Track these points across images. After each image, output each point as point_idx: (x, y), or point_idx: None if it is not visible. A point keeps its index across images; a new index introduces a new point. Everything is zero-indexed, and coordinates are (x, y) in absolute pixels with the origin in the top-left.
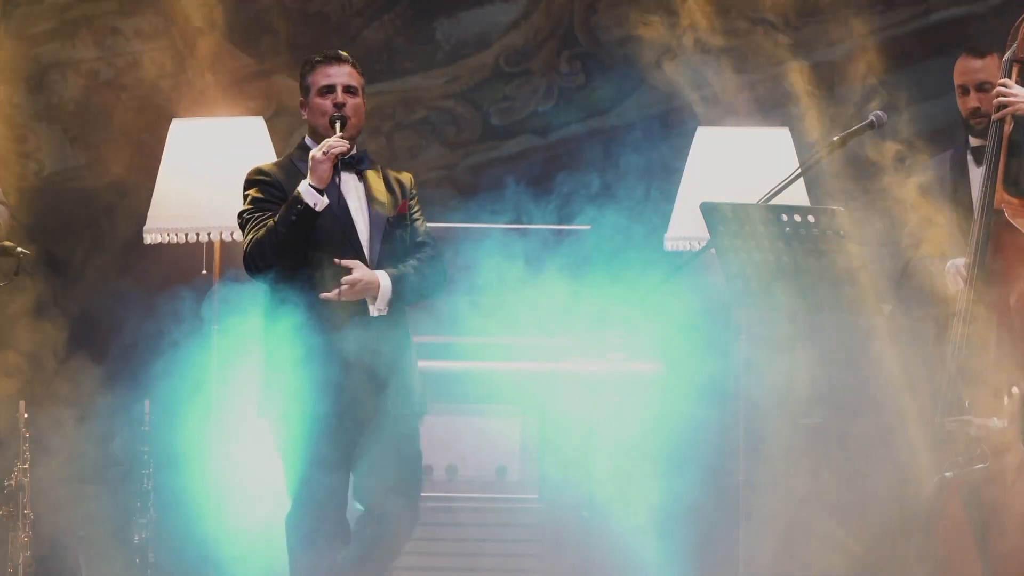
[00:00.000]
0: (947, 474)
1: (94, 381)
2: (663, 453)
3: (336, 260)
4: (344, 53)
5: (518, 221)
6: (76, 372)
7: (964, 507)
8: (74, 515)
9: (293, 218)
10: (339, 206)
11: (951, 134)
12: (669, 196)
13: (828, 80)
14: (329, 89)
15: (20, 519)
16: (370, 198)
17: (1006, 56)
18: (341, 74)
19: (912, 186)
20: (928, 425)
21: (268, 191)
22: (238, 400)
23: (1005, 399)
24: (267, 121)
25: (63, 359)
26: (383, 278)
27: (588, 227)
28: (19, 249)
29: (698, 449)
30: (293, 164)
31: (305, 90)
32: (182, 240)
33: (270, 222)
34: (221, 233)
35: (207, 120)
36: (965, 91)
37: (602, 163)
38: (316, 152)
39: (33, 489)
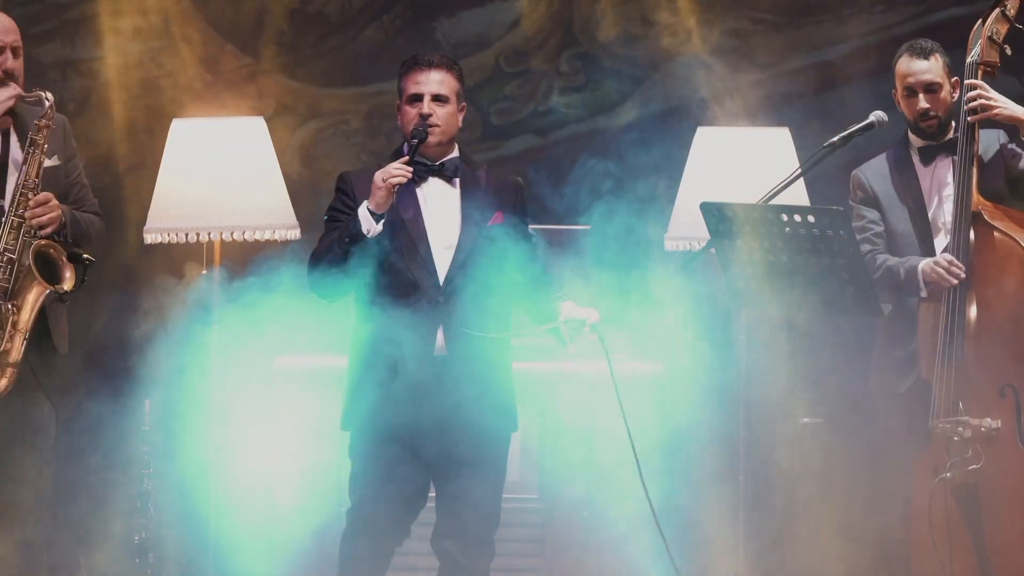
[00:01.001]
0: (946, 475)
1: (94, 381)
2: (663, 453)
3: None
4: (437, 57)
5: None
6: (76, 372)
7: (959, 507)
8: (74, 515)
9: (346, 240)
10: (413, 218)
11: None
12: (669, 196)
13: (828, 80)
14: (417, 98)
15: None
16: (464, 209)
17: (969, 59)
18: (431, 81)
19: (859, 188)
20: (910, 428)
21: (341, 200)
22: (238, 400)
23: (998, 400)
24: (267, 121)
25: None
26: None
27: (588, 227)
28: (85, 256)
29: (698, 449)
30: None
31: (398, 93)
32: (182, 240)
33: (334, 234)
34: (221, 233)
35: (207, 120)
36: (912, 93)
37: (602, 163)
38: (377, 176)
39: None
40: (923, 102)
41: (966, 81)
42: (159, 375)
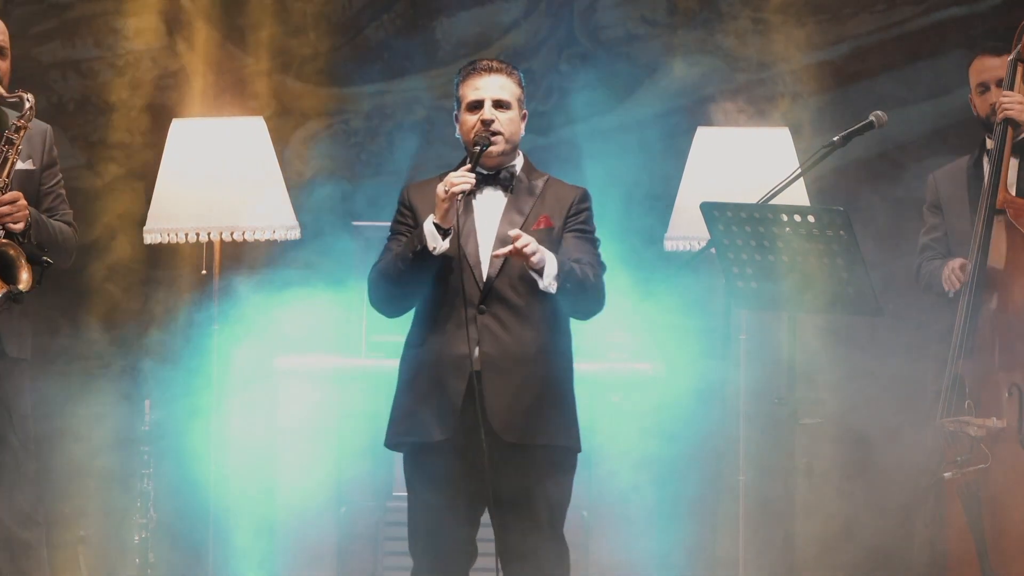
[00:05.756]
0: (946, 474)
1: (93, 381)
2: (663, 453)
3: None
4: (496, 62)
5: None
6: (76, 372)
7: (963, 507)
8: (74, 515)
9: (410, 256)
10: (461, 228)
11: (950, 134)
12: (669, 196)
13: (828, 80)
14: (477, 104)
15: None
16: (505, 214)
17: (1011, 56)
18: (492, 87)
19: (929, 192)
20: (929, 425)
21: (400, 213)
22: (238, 400)
23: (1005, 399)
24: (267, 121)
25: (63, 359)
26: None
27: None
28: (44, 258)
29: (698, 449)
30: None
31: (457, 102)
32: (182, 240)
33: (395, 249)
34: (221, 233)
35: (207, 120)
36: (985, 88)
37: (602, 163)
38: (440, 188)
39: None
40: (994, 96)
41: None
42: (159, 375)
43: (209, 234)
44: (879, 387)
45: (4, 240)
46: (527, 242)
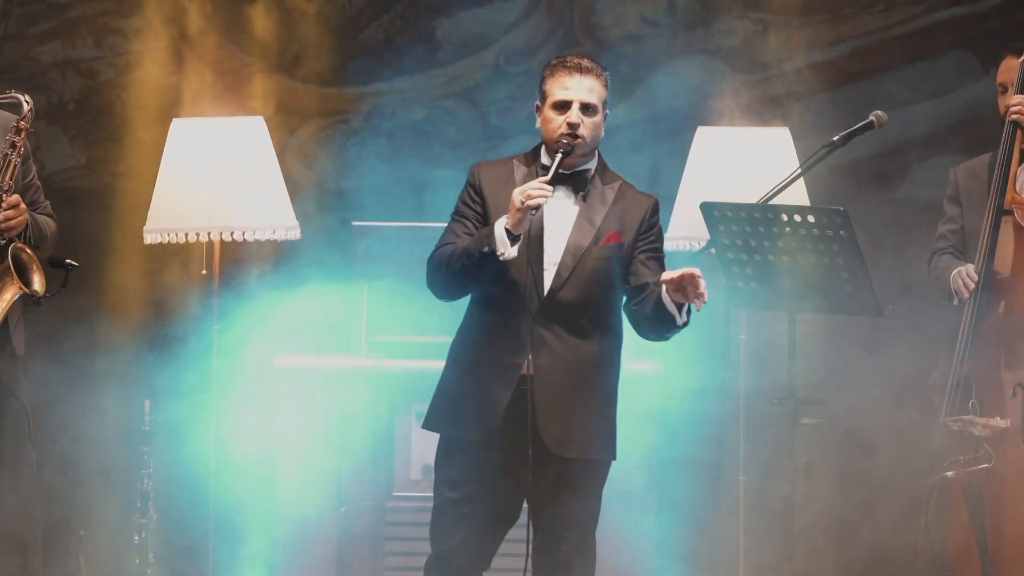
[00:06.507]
0: (948, 474)
1: (93, 381)
2: (663, 453)
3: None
4: (587, 61)
5: None
6: (75, 372)
7: (966, 506)
8: (74, 515)
9: (477, 256)
10: (529, 230)
11: (950, 134)
12: (669, 196)
13: (828, 80)
14: (564, 105)
15: None
16: (576, 224)
17: (1022, 58)
18: (581, 88)
19: (950, 185)
20: (932, 425)
21: (467, 194)
22: (239, 400)
23: (1009, 399)
24: (267, 121)
25: (63, 358)
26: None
27: None
28: (68, 260)
29: (698, 449)
30: (513, 169)
31: (542, 95)
32: (182, 240)
33: (459, 242)
34: (221, 233)
35: (207, 120)
36: (1004, 89)
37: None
38: (516, 196)
39: None
40: (1009, 98)
41: (1014, 96)
42: (159, 375)
43: (209, 234)
44: (879, 387)
45: (19, 244)
46: (702, 285)
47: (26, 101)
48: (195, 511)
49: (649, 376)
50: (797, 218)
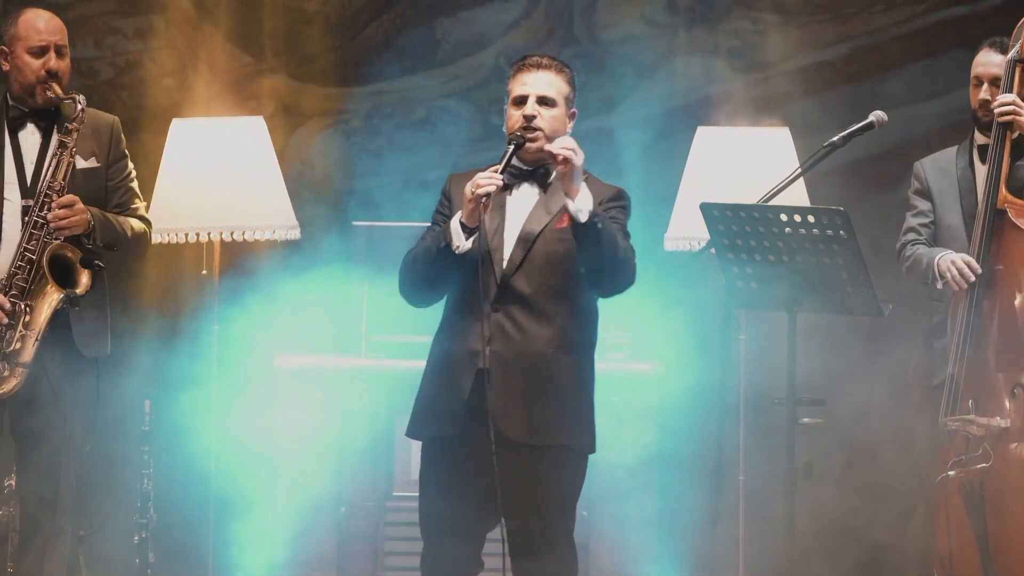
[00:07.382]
0: (949, 473)
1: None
2: (663, 453)
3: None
4: (546, 58)
5: None
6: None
7: (965, 506)
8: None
9: (435, 251)
10: (489, 225)
11: (951, 134)
12: (669, 196)
13: (828, 80)
14: (522, 100)
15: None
16: (533, 212)
17: (1009, 56)
18: (538, 83)
19: (916, 179)
20: (931, 424)
21: (440, 203)
22: (239, 400)
23: (1008, 399)
24: (267, 121)
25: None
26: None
27: None
28: (96, 261)
29: (697, 449)
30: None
31: (506, 95)
32: (182, 240)
33: (426, 240)
34: (221, 233)
35: (207, 120)
36: (979, 83)
37: (602, 163)
38: (467, 187)
39: None
40: (984, 93)
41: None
42: (159, 375)
43: (209, 234)
44: (879, 387)
45: (63, 244)
46: (571, 146)
47: (80, 101)
48: (195, 511)
49: (649, 376)
50: (797, 218)
